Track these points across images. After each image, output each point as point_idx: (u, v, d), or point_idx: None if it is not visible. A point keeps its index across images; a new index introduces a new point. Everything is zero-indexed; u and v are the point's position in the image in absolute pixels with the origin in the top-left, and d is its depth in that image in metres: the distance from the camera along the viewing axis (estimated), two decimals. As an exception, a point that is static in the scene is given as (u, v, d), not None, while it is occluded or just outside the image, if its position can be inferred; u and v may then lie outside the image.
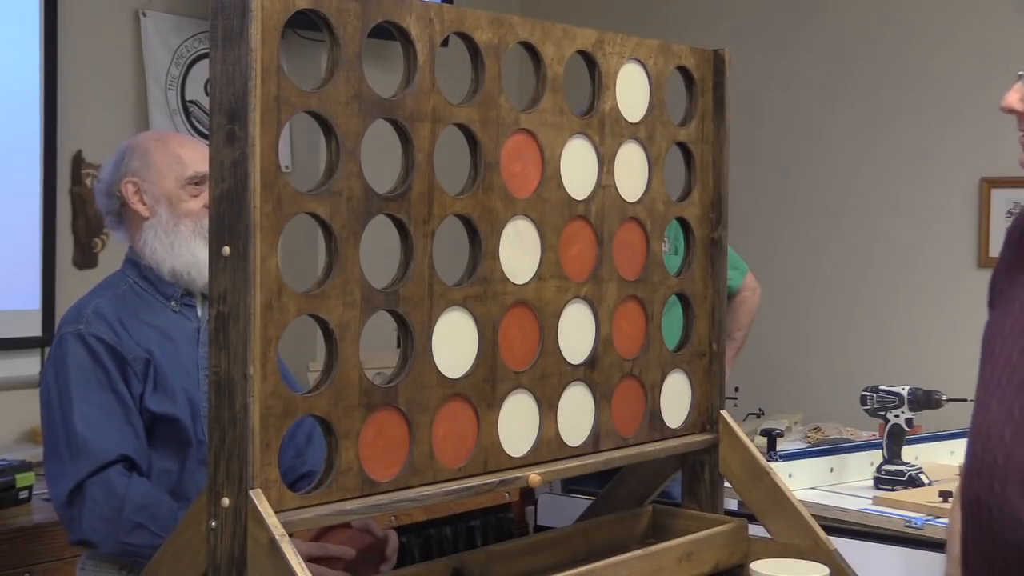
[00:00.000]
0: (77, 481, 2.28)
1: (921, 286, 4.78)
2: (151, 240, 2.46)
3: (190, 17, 4.43)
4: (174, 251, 2.45)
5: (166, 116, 4.37)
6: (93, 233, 4.16)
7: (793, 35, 5.10)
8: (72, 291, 4.04)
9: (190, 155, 2.48)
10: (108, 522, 2.27)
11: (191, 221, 2.45)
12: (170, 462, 2.39)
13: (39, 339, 4.00)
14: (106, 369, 2.34)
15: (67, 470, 2.30)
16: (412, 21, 1.90)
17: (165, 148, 2.50)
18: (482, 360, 2.01)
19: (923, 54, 4.78)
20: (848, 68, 4.96)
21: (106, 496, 2.27)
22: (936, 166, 4.74)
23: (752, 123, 4.91)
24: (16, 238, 3.98)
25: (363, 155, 1.83)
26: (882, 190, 4.87)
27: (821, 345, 5.01)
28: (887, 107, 4.86)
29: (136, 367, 2.37)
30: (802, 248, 5.06)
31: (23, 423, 3.90)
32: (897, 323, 4.82)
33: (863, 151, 4.93)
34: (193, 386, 2.40)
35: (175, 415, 2.38)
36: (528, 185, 2.09)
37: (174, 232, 2.45)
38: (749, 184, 4.75)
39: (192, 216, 2.45)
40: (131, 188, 2.48)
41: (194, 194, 2.46)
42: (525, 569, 2.28)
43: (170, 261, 2.45)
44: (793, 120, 5.10)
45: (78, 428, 2.30)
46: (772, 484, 2.37)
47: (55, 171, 4.03)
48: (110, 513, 2.27)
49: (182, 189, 2.47)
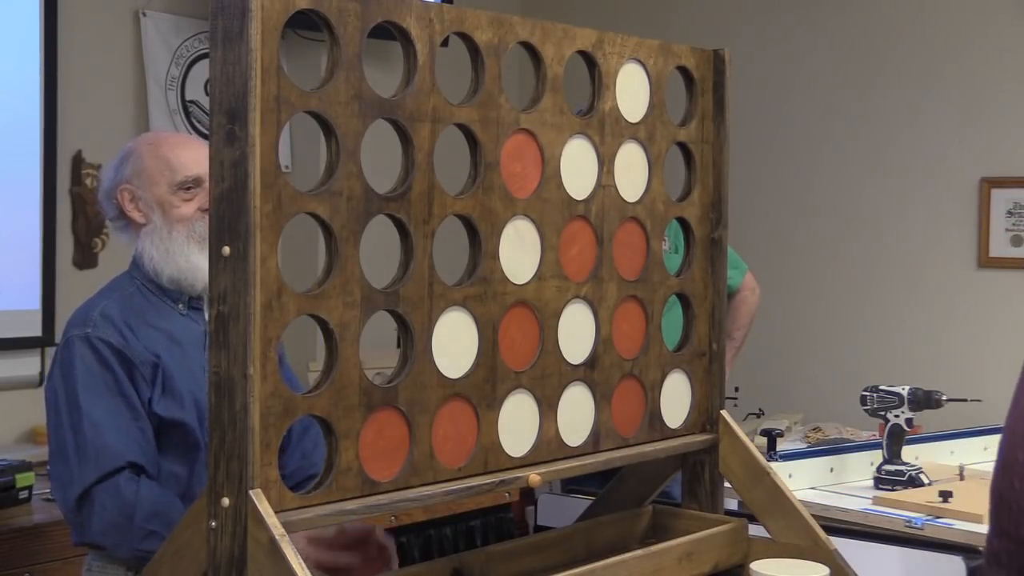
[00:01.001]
0: (85, 487, 2.27)
1: (921, 286, 4.78)
2: (148, 247, 2.45)
3: (190, 17, 4.43)
4: (169, 258, 2.43)
5: (166, 116, 4.37)
6: (93, 233, 4.16)
7: (793, 35, 5.10)
8: (72, 291, 4.05)
9: (181, 158, 2.46)
10: (119, 529, 2.26)
11: (184, 226, 2.43)
12: (178, 466, 2.39)
13: (39, 339, 4.00)
14: (114, 373, 2.33)
15: (75, 476, 2.29)
16: (412, 21, 1.90)
17: (156, 153, 2.47)
18: (482, 360, 2.01)
19: (923, 54, 4.78)
20: (848, 68, 4.96)
21: (116, 503, 2.26)
22: (936, 166, 4.74)
23: (752, 123, 4.91)
24: (16, 238, 3.98)
25: (363, 155, 1.83)
26: (882, 190, 4.87)
27: (821, 345, 5.01)
28: (887, 107, 4.86)
29: (144, 371, 2.36)
30: (802, 248, 5.06)
31: (23, 423, 3.91)
32: (897, 323, 4.83)
33: (863, 151, 4.93)
34: (200, 390, 2.38)
35: (183, 419, 2.37)
36: (528, 185, 2.09)
37: (168, 239, 2.44)
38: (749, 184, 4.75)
39: (185, 221, 2.44)
40: (126, 196, 2.47)
41: (186, 199, 2.44)
42: (525, 569, 2.28)
43: (167, 269, 2.44)
44: (793, 120, 5.10)
45: (86, 433, 2.29)
46: (772, 484, 2.37)
47: (55, 171, 4.03)
48: (121, 520, 2.26)
49: (174, 195, 2.44)
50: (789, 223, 5.09)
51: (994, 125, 4.60)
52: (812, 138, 5.05)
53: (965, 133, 4.67)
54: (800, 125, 5.08)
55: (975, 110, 4.63)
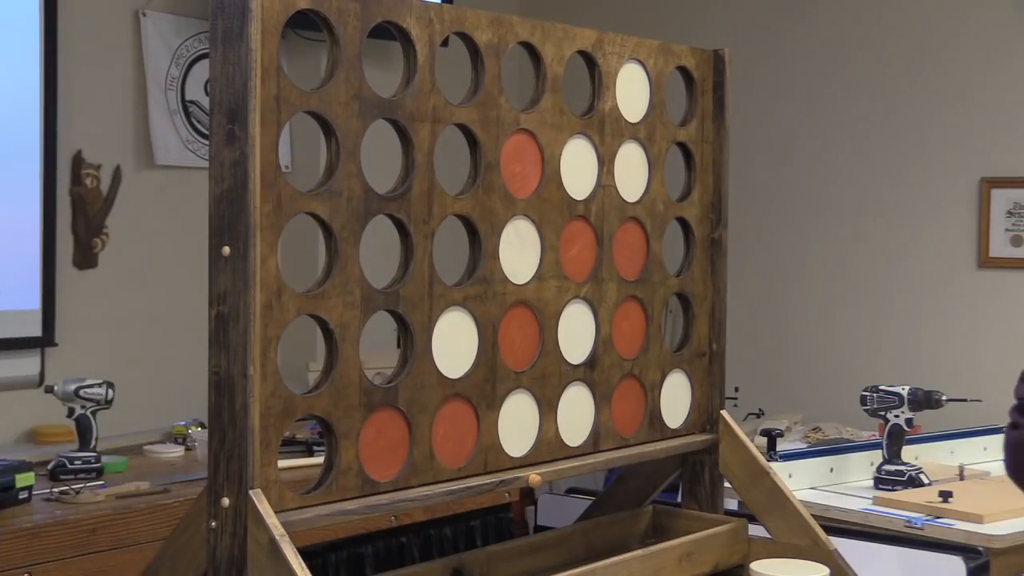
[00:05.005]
0: None
1: (921, 286, 4.77)
2: None
3: (190, 17, 4.43)
4: None
5: (166, 116, 4.37)
6: (93, 233, 4.16)
7: (793, 35, 5.10)
8: (72, 291, 4.04)
9: None
10: None
11: None
12: None
13: (39, 339, 3.99)
14: None
15: None
16: (412, 21, 1.90)
17: None
18: (482, 360, 2.01)
19: (924, 54, 4.77)
20: (848, 68, 4.95)
21: None
22: (936, 166, 4.74)
23: (752, 123, 4.91)
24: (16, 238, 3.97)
25: (363, 155, 1.83)
26: (882, 190, 4.87)
27: (821, 345, 5.01)
28: (887, 107, 4.86)
29: None
30: (802, 248, 5.06)
31: (23, 423, 3.90)
32: (897, 323, 4.82)
33: (863, 151, 4.92)
34: None
35: None
36: (528, 185, 2.09)
37: None
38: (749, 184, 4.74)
39: None
40: None
41: None
42: (525, 569, 2.28)
43: None
44: (793, 120, 5.10)
45: None
46: (772, 484, 2.37)
47: (55, 171, 4.03)
48: None
49: None
50: (789, 223, 5.09)
51: (994, 125, 4.60)
52: (812, 138, 5.05)
53: (965, 133, 4.66)
54: (800, 125, 5.08)
55: (975, 110, 4.62)
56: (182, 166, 4.36)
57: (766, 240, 5.03)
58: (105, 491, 3.05)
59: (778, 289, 5.03)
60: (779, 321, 5.02)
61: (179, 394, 3.83)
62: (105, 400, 3.27)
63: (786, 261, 5.06)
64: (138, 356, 4.17)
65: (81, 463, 3.23)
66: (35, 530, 2.82)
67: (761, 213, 5.04)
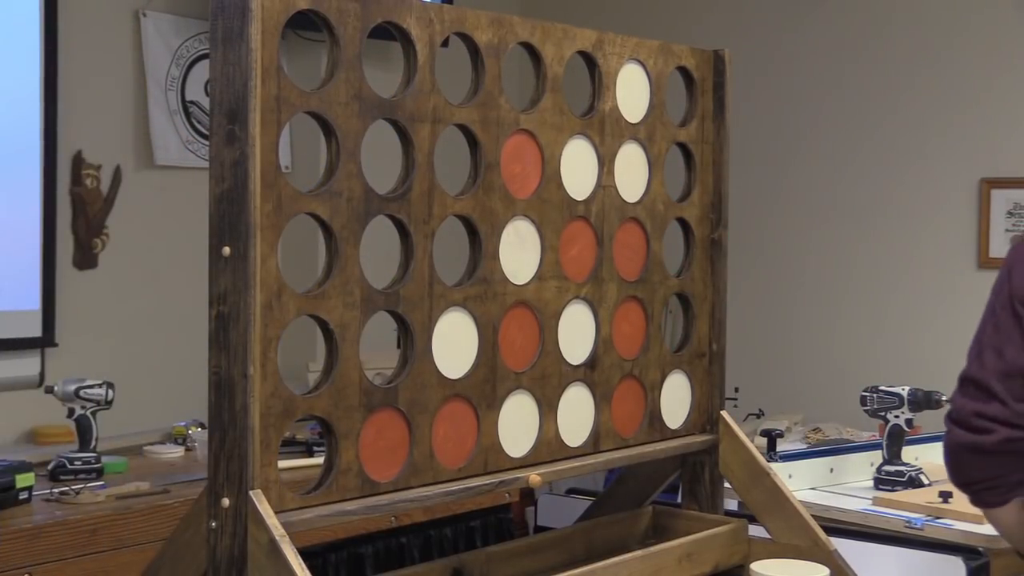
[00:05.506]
0: None
1: (921, 286, 4.77)
2: None
3: (190, 17, 4.43)
4: None
5: (166, 116, 4.37)
6: (93, 233, 4.16)
7: (793, 35, 5.10)
8: (72, 291, 4.04)
9: None
10: None
11: None
12: None
13: (39, 339, 3.99)
14: None
15: None
16: (412, 21, 1.90)
17: None
18: (482, 360, 2.01)
19: (923, 54, 4.77)
20: (848, 68, 4.95)
21: None
22: (936, 166, 4.74)
23: (752, 123, 4.91)
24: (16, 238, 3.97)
25: (363, 155, 1.83)
26: (882, 190, 4.87)
27: (821, 345, 5.01)
28: (887, 107, 4.86)
29: None
30: (802, 248, 5.06)
31: (23, 423, 3.90)
32: (897, 323, 4.82)
33: (863, 151, 4.92)
34: None
35: None
36: (528, 185, 2.09)
37: None
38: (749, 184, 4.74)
39: None
40: None
41: None
42: (525, 569, 2.28)
43: None
44: (793, 120, 5.10)
45: None
46: (772, 484, 2.37)
47: (55, 171, 4.03)
48: None
49: None
50: (789, 223, 5.09)
51: (994, 125, 4.60)
52: (812, 138, 5.05)
53: (965, 133, 4.67)
54: (800, 125, 5.08)
55: (975, 110, 4.62)
56: (182, 166, 4.36)
57: (766, 240, 5.03)
58: (105, 491, 3.05)
59: (778, 289, 5.02)
60: (779, 321, 5.03)
61: (179, 394, 3.83)
62: (105, 400, 3.27)
63: (786, 261, 5.06)
64: (138, 356, 4.17)
65: (81, 463, 3.23)
66: (35, 531, 2.82)
67: (761, 213, 5.04)
